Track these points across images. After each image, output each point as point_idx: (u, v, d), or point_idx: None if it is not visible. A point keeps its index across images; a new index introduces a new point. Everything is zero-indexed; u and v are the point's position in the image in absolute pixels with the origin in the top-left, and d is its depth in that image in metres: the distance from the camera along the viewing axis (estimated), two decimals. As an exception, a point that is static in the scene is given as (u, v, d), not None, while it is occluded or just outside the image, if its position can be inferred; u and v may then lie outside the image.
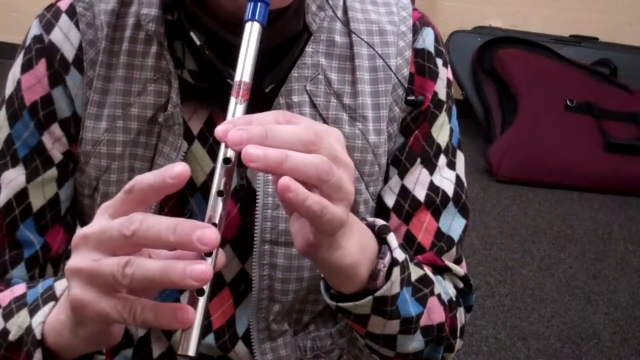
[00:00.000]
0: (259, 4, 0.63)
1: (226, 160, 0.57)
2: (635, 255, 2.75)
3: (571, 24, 3.75)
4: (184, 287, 0.52)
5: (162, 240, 0.53)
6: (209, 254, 0.55)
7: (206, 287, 0.55)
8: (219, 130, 0.55)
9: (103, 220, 0.57)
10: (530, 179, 3.19)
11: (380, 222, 0.74)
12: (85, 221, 0.91)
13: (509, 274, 2.56)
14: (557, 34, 3.70)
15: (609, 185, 3.19)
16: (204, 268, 0.52)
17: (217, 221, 0.56)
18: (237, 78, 0.60)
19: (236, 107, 0.60)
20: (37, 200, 0.84)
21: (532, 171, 3.19)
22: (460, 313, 0.86)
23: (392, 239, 0.72)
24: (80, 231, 0.57)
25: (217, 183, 0.57)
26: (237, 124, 0.56)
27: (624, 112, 3.38)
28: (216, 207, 0.56)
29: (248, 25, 0.62)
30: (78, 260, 0.56)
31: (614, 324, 2.34)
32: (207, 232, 0.52)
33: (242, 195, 0.82)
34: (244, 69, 0.61)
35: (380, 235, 0.73)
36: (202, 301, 0.55)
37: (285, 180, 0.54)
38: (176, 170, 0.54)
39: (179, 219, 0.53)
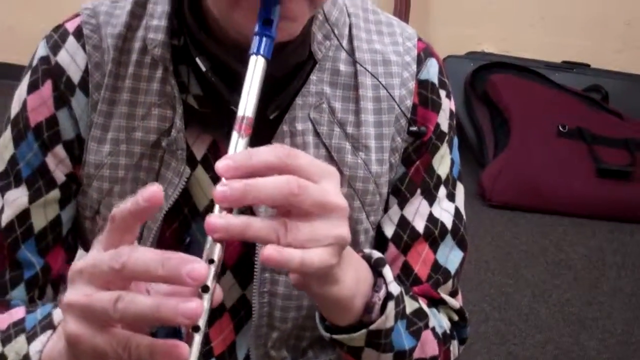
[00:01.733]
0: (265, 38, 0.63)
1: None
2: (629, 282, 2.75)
3: (563, 50, 3.78)
4: (175, 324, 0.52)
5: (151, 273, 0.52)
6: (206, 289, 0.55)
7: (202, 324, 0.55)
8: (220, 165, 0.56)
9: (96, 253, 0.57)
10: (523, 204, 3.20)
11: (376, 254, 0.74)
12: (86, 242, 0.90)
13: (503, 299, 2.55)
14: (549, 60, 3.73)
15: (602, 211, 3.19)
16: (195, 306, 0.52)
17: (215, 257, 0.56)
18: (239, 113, 0.60)
19: (238, 141, 0.60)
20: (38, 221, 0.83)
21: (525, 196, 3.20)
22: (454, 346, 0.87)
23: (388, 272, 0.73)
24: (75, 265, 0.57)
25: None
26: (237, 159, 0.56)
27: (615, 138, 3.39)
28: (215, 245, 0.56)
29: (253, 59, 0.63)
30: (72, 294, 0.56)
31: (609, 350, 2.34)
32: (196, 267, 0.52)
33: None
34: (247, 104, 0.61)
35: (376, 268, 0.73)
36: (197, 338, 0.55)
37: (267, 252, 0.55)
38: (148, 193, 0.54)
39: (168, 252, 0.53)
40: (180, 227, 0.83)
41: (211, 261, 0.56)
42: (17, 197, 0.82)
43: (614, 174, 3.26)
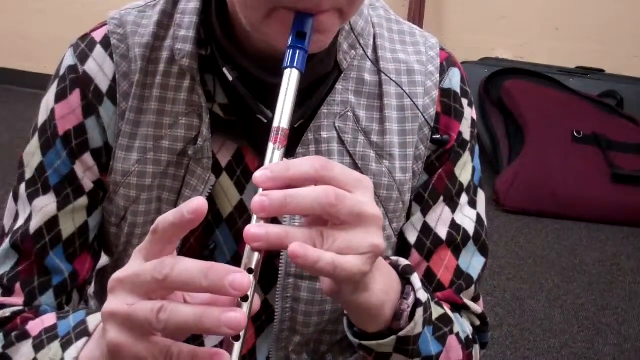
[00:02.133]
0: (298, 51, 0.64)
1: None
2: (644, 287, 2.75)
3: (577, 55, 3.77)
4: (218, 334, 0.53)
5: (194, 284, 0.54)
6: (245, 298, 0.56)
7: (242, 332, 0.55)
8: (257, 176, 0.57)
9: (137, 263, 0.58)
10: (538, 209, 3.20)
11: (403, 261, 0.75)
12: (109, 249, 0.91)
13: (518, 304, 2.55)
14: (563, 66, 3.73)
15: (617, 216, 3.19)
16: (239, 316, 0.53)
17: (253, 266, 0.57)
18: (275, 124, 0.61)
19: (274, 152, 0.60)
20: (67, 228, 0.84)
21: (540, 202, 3.20)
22: (476, 350, 0.88)
23: (416, 280, 0.74)
24: (116, 274, 0.58)
25: None
26: (274, 170, 0.57)
27: (630, 144, 3.39)
28: (253, 254, 0.57)
29: (287, 72, 0.63)
30: (114, 304, 0.57)
31: (624, 356, 2.33)
32: (238, 277, 0.53)
33: None
34: (282, 116, 0.61)
35: (403, 275, 0.74)
36: (237, 346, 0.56)
37: (293, 248, 0.56)
38: (193, 205, 0.55)
39: (211, 263, 0.54)
40: (204, 233, 0.84)
41: (250, 270, 0.56)
42: (46, 205, 0.83)
43: (629, 180, 3.26)
